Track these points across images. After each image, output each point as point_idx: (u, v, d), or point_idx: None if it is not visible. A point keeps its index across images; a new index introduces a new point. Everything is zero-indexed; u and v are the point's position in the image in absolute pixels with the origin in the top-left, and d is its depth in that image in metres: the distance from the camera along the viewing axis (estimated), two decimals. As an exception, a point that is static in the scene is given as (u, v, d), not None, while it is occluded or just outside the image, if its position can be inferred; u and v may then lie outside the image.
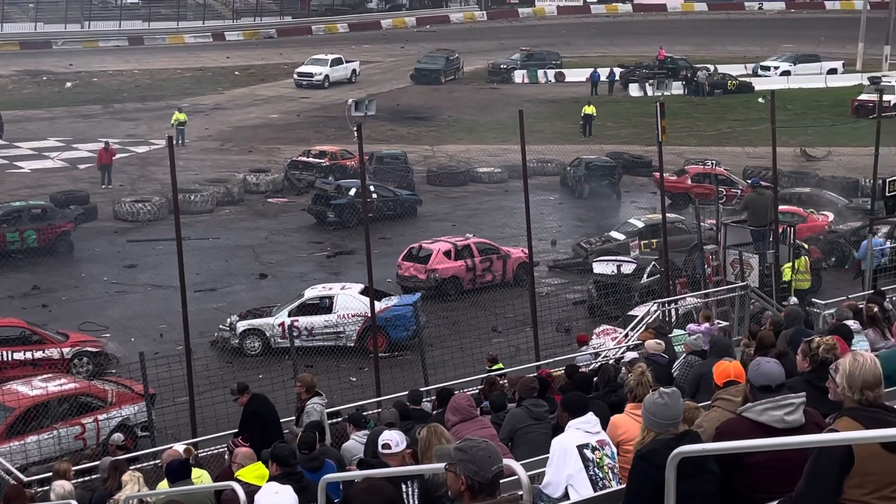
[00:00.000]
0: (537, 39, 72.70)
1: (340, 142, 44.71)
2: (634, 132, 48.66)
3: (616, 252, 31.08)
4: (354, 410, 14.89)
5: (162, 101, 55.98)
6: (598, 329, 23.53)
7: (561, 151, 45.41)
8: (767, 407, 6.15)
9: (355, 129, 20.27)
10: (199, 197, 37.60)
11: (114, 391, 20.02)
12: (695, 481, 5.92)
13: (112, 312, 27.83)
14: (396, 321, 24.86)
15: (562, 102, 57.72)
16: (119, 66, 66.77)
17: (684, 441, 6.09)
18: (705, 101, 58.08)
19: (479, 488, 5.09)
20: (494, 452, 5.25)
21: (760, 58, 65.89)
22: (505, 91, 61.13)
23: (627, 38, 74.85)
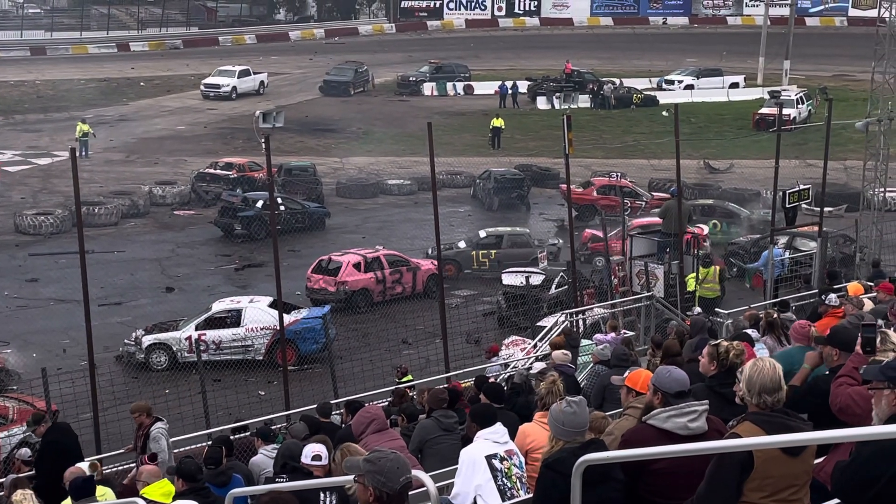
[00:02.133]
0: (446, 52, 73.03)
1: (248, 154, 44.37)
2: (542, 144, 49.06)
3: (456, 261, 31.73)
4: (262, 424, 14.75)
5: (65, 112, 54.98)
6: (507, 340, 23.67)
7: (470, 164, 45.61)
8: (671, 414, 6.25)
9: (263, 140, 20.12)
10: (104, 209, 36.97)
11: (15, 408, 19.58)
12: (601, 489, 5.99)
13: (13, 327, 27.18)
14: (306, 334, 24.71)
15: (470, 115, 58.02)
16: (20, 76, 65.40)
17: (590, 449, 6.16)
18: (611, 114, 58.85)
19: (388, 499, 5.10)
20: (402, 463, 5.26)
21: (665, 72, 67.03)
22: (414, 103, 61.24)
23: (535, 51, 75.57)
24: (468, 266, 32.23)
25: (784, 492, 5.54)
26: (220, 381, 22.07)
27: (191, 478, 8.62)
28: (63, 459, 12.44)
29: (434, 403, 10.74)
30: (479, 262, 32.28)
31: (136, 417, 13.51)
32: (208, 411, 18.75)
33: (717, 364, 7.85)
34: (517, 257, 31.73)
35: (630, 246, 23.95)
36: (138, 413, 13.52)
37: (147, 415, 13.35)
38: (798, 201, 23.31)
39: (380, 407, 12.99)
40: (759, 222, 34.99)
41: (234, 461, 11.19)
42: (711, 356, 7.92)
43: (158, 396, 20.15)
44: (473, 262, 32.36)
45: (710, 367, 7.91)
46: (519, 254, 32.03)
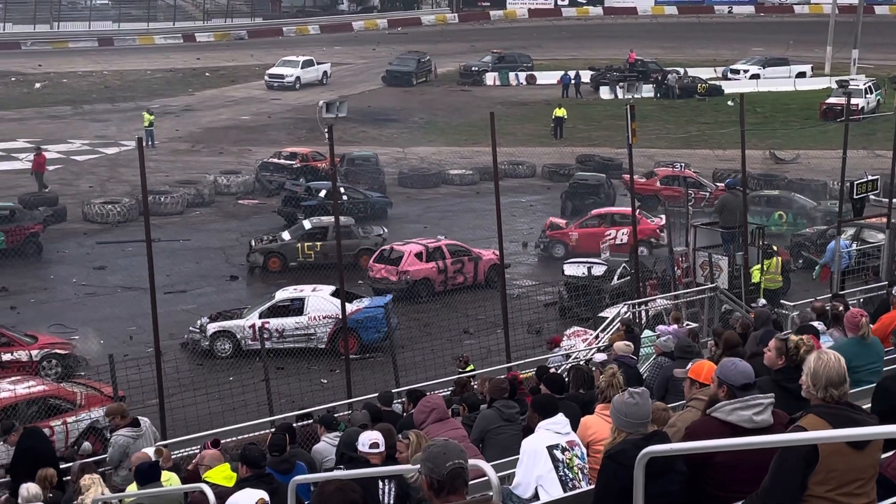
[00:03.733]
0: (509, 42, 72.82)
1: (311, 143, 44.64)
2: (605, 134, 48.85)
3: (280, 253, 31.23)
4: (325, 412, 14.86)
5: (132, 103, 55.70)
6: (568, 330, 23.55)
7: (532, 154, 45.52)
8: (736, 407, 6.19)
9: (326, 130, 20.25)
10: (170, 199, 37.43)
11: (83, 394, 19.90)
12: (662, 481, 5.95)
13: (81, 314, 27.66)
14: (368, 323, 24.82)
15: (533, 105, 57.87)
16: (89, 67, 66.38)
17: (653, 441, 6.12)
18: (675, 103, 58.35)
19: (439, 486, 5.08)
20: (452, 450, 5.23)
21: (730, 61, 66.29)
22: (476, 93, 61.20)
23: (598, 40, 75.08)
24: (293, 258, 31.29)
25: (850, 485, 5.47)
26: (283, 369, 22.26)
27: (254, 464, 8.71)
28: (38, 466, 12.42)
29: (495, 393, 10.74)
30: (304, 254, 31.23)
31: (112, 420, 13.56)
32: (271, 399, 18.94)
33: (784, 358, 7.75)
34: (344, 248, 31.07)
35: (694, 237, 23.72)
36: (111, 416, 13.56)
37: (121, 417, 13.29)
38: (866, 192, 22.95)
39: (441, 396, 13.02)
40: (825, 213, 34.51)
41: (297, 449, 11.28)
42: (779, 350, 7.81)
43: (222, 383, 20.41)
44: (298, 254, 31.51)
45: (778, 362, 7.81)
46: (345, 245, 31.35)
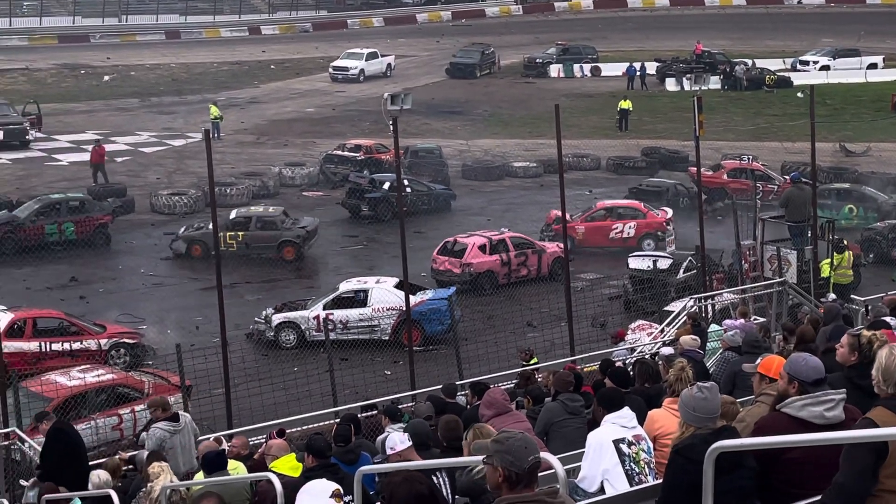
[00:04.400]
0: (573, 33, 72.46)
1: (375, 136, 44.79)
2: (671, 126, 48.42)
3: (203, 241, 30.88)
4: (390, 403, 14.90)
5: (198, 95, 56.33)
6: (633, 324, 23.42)
7: (597, 146, 45.28)
8: (807, 403, 6.10)
9: (391, 122, 20.33)
10: (235, 190, 37.78)
11: (150, 382, 20.16)
12: (732, 477, 5.89)
13: (149, 304, 28.03)
14: (431, 315, 24.85)
15: (597, 97, 57.56)
16: (156, 59, 67.21)
17: (722, 436, 6.05)
18: (743, 95, 57.69)
19: (517, 479, 5.08)
20: (531, 444, 5.25)
21: (799, 52, 65.34)
22: (540, 85, 60.99)
23: (664, 31, 74.43)
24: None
25: (922, 478, 5.36)
26: (346, 360, 22.37)
27: (320, 454, 8.75)
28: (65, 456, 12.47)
29: (560, 386, 10.69)
30: (226, 243, 30.66)
31: (153, 411, 13.59)
32: (335, 389, 19.04)
33: (857, 354, 7.60)
34: (265, 239, 31.32)
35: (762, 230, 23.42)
36: (154, 408, 13.56)
37: (162, 410, 13.27)
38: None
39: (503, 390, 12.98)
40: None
41: (361, 439, 11.31)
42: (852, 346, 7.67)
43: (287, 374, 20.55)
44: (221, 244, 31.61)
45: (850, 358, 7.66)
46: (267, 236, 31.45)
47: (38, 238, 31.33)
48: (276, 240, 31.36)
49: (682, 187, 37.64)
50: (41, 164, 42.78)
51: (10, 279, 27.48)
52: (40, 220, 31.87)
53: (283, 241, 31.44)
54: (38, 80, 60.55)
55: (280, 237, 31.48)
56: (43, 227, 31.75)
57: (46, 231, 31.76)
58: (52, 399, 18.64)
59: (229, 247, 30.94)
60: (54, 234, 31.87)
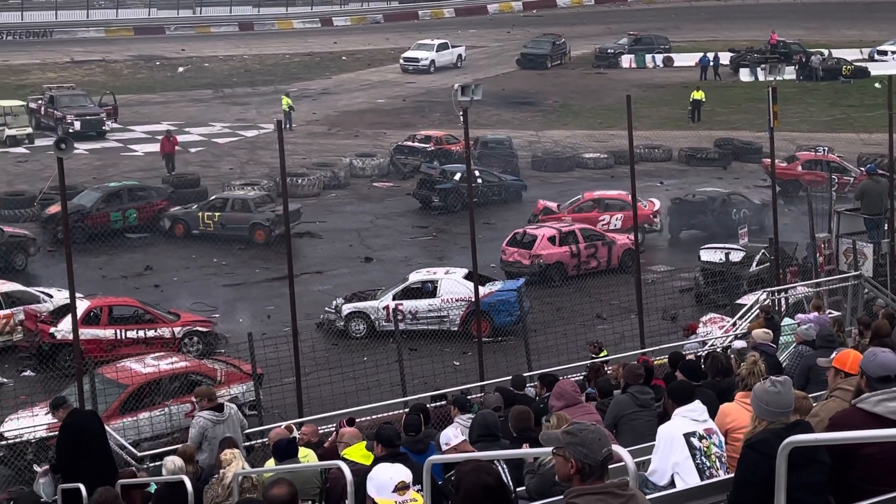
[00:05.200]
0: (645, 23, 71.84)
1: (445, 127, 44.85)
2: (744, 117, 47.86)
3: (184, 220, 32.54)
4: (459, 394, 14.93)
5: (271, 86, 56.82)
6: (705, 317, 23.20)
7: (669, 137, 44.89)
8: (884, 398, 6.02)
9: (461, 113, 20.31)
10: (307, 181, 38.06)
11: (223, 370, 20.40)
12: (805, 472, 5.82)
13: (221, 293, 28.37)
14: (500, 306, 24.84)
15: (670, 87, 57.05)
16: (230, 51, 67.92)
17: (795, 431, 5.98)
18: (819, 86, 56.80)
19: (589, 471, 5.07)
20: (604, 436, 5.24)
21: (877, 42, 64.07)
22: (612, 76, 60.61)
23: (738, 21, 73.52)
24: (195, 226, 32.68)
25: None
26: (416, 351, 22.45)
27: (389, 443, 8.80)
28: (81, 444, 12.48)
29: (630, 379, 10.63)
30: (204, 223, 32.63)
31: (199, 401, 13.66)
32: (405, 379, 19.12)
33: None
34: (238, 221, 32.30)
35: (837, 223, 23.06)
36: (199, 398, 13.66)
37: (208, 400, 13.35)
38: None
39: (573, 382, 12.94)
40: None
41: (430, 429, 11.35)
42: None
43: (357, 363, 20.68)
44: (200, 223, 32.70)
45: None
46: (240, 218, 32.39)
47: (105, 225, 31.96)
48: (247, 221, 32.30)
49: (737, 197, 35.02)
50: (117, 154, 43.48)
51: (86, 268, 27.95)
52: (105, 207, 32.50)
53: (254, 223, 32.24)
54: (115, 71, 61.54)
55: (251, 219, 32.26)
56: (108, 214, 32.42)
57: (112, 218, 32.43)
58: (128, 386, 18.98)
59: (207, 226, 32.59)
60: (119, 220, 32.55)
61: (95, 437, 12.92)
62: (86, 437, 12.74)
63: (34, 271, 29.28)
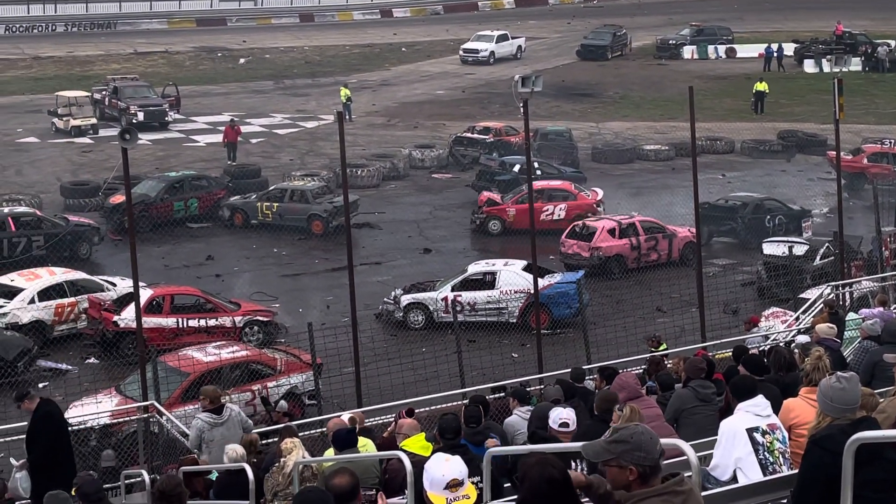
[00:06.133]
0: (708, 14, 71.14)
1: (505, 118, 44.74)
2: (809, 109, 47.26)
3: (243, 210, 32.80)
4: (518, 386, 14.90)
5: (330, 77, 57.07)
6: (767, 311, 22.92)
7: (731, 129, 44.43)
8: (953, 395, 5.89)
9: (521, 105, 20.24)
10: (366, 172, 38.19)
11: (283, 360, 20.54)
12: (870, 469, 5.73)
13: (281, 283, 28.57)
14: (559, 298, 24.75)
15: (732, 79, 56.48)
16: (290, 42, 68.32)
17: (861, 427, 5.89)
18: (885, 77, 55.87)
19: (651, 472, 4.96)
20: (653, 433, 5.12)
21: (945, 32, 63.00)
22: (673, 67, 60.11)
23: (803, 12, 72.55)
24: (254, 216, 32.91)
25: None
26: (474, 342, 22.44)
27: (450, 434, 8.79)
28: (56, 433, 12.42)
29: (692, 373, 10.54)
30: (262, 213, 32.82)
31: (202, 400, 13.64)
32: (463, 371, 19.12)
33: None
34: (296, 212, 32.40)
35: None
36: (203, 397, 13.56)
37: (210, 401, 13.19)
38: None
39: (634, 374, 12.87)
40: None
41: (490, 421, 11.34)
42: None
43: (415, 354, 20.72)
44: (258, 213, 32.89)
45: None
46: (298, 209, 32.55)
47: (168, 215, 32.39)
48: (305, 212, 32.42)
49: (772, 202, 33.03)
50: (179, 144, 43.94)
51: (149, 257, 28.28)
52: (168, 197, 32.90)
53: (312, 214, 32.38)
54: (177, 62, 62.18)
55: (309, 210, 32.38)
56: (171, 204, 32.83)
57: (175, 208, 32.83)
58: (189, 374, 19.18)
59: (265, 217, 32.77)
60: (181, 210, 32.99)
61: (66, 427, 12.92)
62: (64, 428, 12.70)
63: (98, 260, 29.71)
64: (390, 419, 14.13)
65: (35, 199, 33.88)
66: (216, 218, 33.38)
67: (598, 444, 5.14)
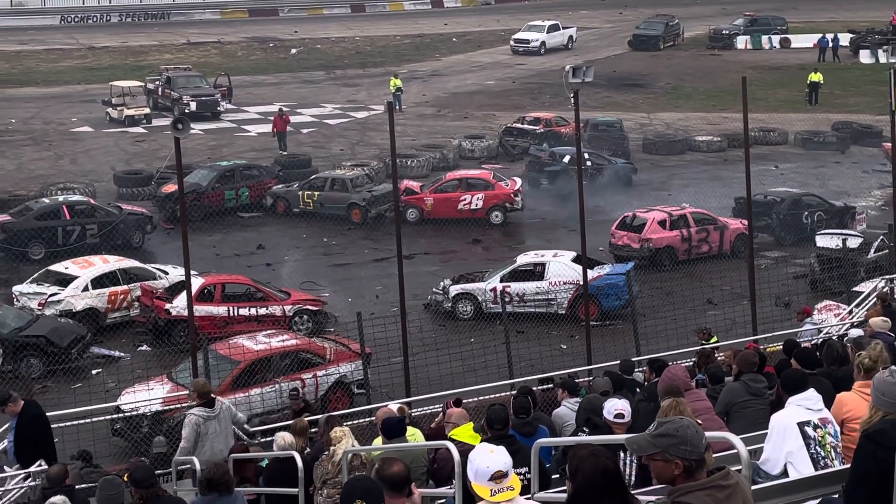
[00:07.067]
0: (762, 4, 70.37)
1: (555, 108, 44.57)
2: (864, 100, 46.57)
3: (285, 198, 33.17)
4: (566, 377, 14.87)
5: (381, 68, 57.17)
6: (820, 304, 22.67)
7: (784, 120, 43.93)
8: None
9: (572, 95, 20.14)
10: (416, 162, 38.23)
11: (332, 349, 20.64)
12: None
13: (331, 273, 28.70)
14: (609, 290, 24.64)
15: (786, 69, 55.87)
16: (341, 32, 68.53)
17: (914, 422, 5.81)
18: (942, 68, 54.94)
19: (696, 466, 4.93)
20: (698, 426, 5.08)
21: None
22: (726, 57, 59.57)
23: (859, 2, 71.53)
24: (296, 205, 33.15)
25: None
26: (522, 333, 22.40)
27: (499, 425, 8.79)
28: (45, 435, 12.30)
29: (744, 366, 10.44)
30: (304, 201, 33.04)
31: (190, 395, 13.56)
32: (511, 361, 19.11)
33: None
34: (336, 200, 32.63)
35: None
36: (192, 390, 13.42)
37: (199, 395, 13.00)
38: None
39: (684, 367, 12.78)
40: None
41: (538, 413, 11.33)
42: None
43: (464, 345, 20.73)
44: (300, 202, 33.12)
45: None
46: (338, 197, 32.68)
47: (219, 204, 32.66)
48: (344, 201, 32.57)
49: (812, 198, 32.17)
50: (231, 134, 44.24)
51: (200, 245, 28.53)
52: (220, 186, 33.15)
53: (351, 203, 32.46)
54: (230, 53, 62.60)
55: (348, 199, 32.49)
56: (223, 193, 33.09)
57: (226, 197, 33.09)
58: (240, 362, 19.34)
59: (306, 205, 33.04)
60: (232, 199, 33.23)
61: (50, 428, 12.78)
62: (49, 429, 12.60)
63: (150, 248, 30.01)
64: (438, 409, 14.16)
65: (89, 187, 34.28)
66: (265, 207, 33.62)
67: (644, 438, 5.10)
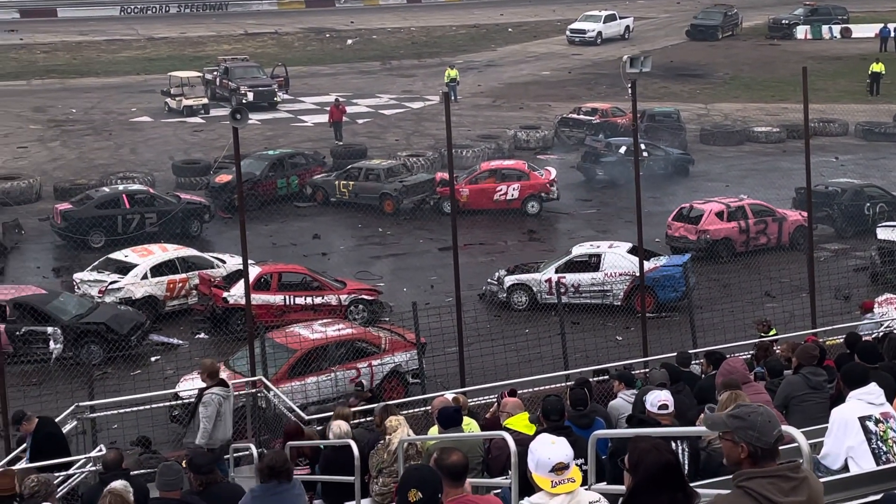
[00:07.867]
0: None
1: (612, 99, 44.34)
2: (927, 91, 45.88)
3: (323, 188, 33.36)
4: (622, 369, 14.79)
5: (437, 58, 57.20)
6: (880, 298, 22.33)
7: (845, 111, 43.34)
8: None
9: (629, 86, 20.01)
10: (471, 152, 38.20)
11: (387, 338, 20.71)
12: None
13: (386, 262, 28.79)
14: (665, 281, 24.48)
15: (847, 59, 55.11)
16: (397, 23, 68.63)
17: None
18: None
19: (762, 454, 4.92)
20: (773, 417, 5.09)
21: None
22: (785, 47, 58.90)
23: (922, -10, 70.32)
24: (333, 194, 33.37)
25: None
26: (577, 324, 22.33)
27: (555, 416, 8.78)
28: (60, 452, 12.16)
29: (804, 359, 10.32)
30: (340, 191, 33.24)
31: (199, 373, 13.47)
32: (566, 353, 19.04)
33: None
34: (369, 190, 32.80)
35: None
36: (200, 370, 13.37)
37: (208, 375, 12.98)
38: None
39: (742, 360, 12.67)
40: None
41: (594, 404, 11.29)
42: None
43: (518, 335, 20.71)
44: (336, 191, 33.27)
45: None
46: (371, 187, 32.84)
47: (272, 193, 32.94)
48: (377, 191, 32.72)
49: (874, 189, 31.39)
50: (288, 124, 44.51)
51: (257, 235, 28.75)
52: (272, 175, 33.41)
53: (383, 193, 32.61)
54: (286, 43, 62.95)
55: (381, 189, 32.66)
56: (275, 182, 33.39)
57: (278, 185, 33.41)
58: (296, 350, 19.47)
59: (342, 195, 33.28)
60: (283, 187, 33.57)
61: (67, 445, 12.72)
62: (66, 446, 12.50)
63: (208, 237, 30.31)
64: (493, 399, 14.15)
65: (148, 176, 34.68)
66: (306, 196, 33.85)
67: (720, 416, 5.22)
